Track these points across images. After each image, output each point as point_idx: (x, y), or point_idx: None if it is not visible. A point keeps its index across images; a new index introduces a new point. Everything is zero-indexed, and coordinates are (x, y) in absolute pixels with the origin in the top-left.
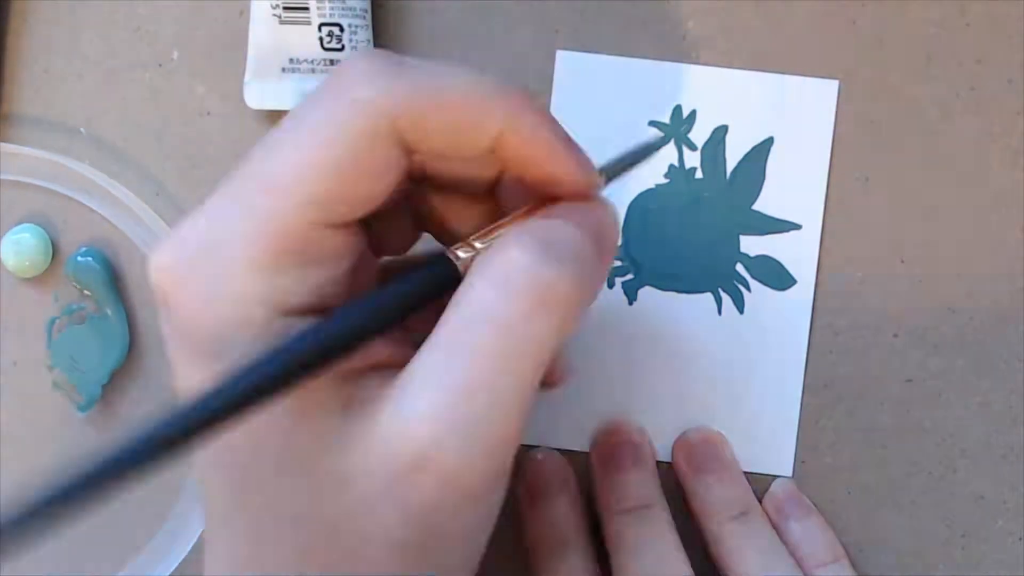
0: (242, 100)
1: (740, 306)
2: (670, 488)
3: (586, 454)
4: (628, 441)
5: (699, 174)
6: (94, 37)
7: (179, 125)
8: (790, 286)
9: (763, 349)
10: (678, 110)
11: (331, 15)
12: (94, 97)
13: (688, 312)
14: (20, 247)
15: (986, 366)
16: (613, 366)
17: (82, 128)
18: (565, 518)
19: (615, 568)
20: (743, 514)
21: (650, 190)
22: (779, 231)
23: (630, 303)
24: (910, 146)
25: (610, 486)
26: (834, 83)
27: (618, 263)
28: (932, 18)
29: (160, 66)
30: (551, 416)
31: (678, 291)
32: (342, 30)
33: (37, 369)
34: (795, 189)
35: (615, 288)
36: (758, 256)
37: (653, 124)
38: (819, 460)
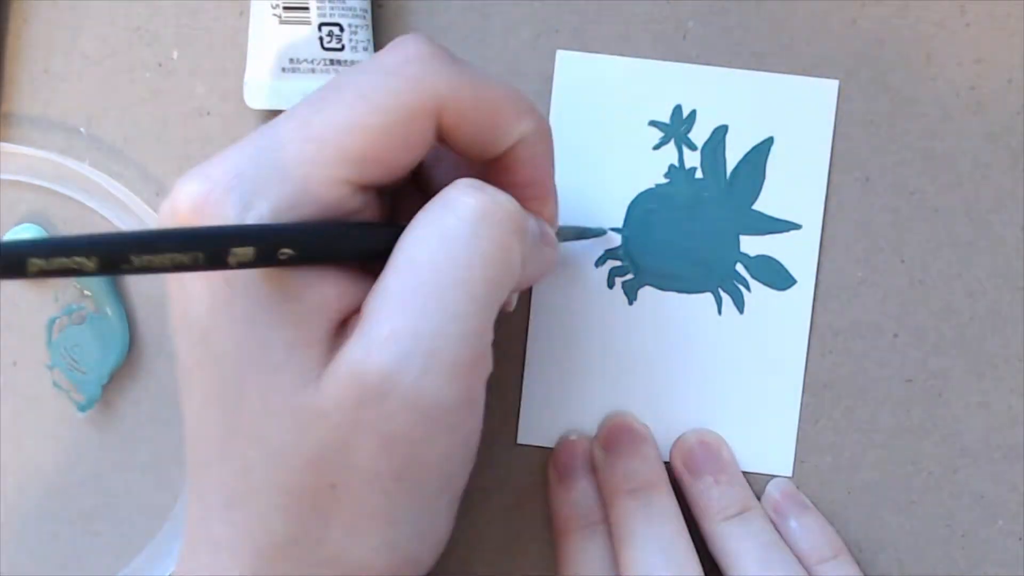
0: (242, 100)
1: (740, 306)
2: None
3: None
4: (632, 427)
5: (699, 174)
6: (94, 37)
7: (179, 125)
8: (790, 286)
9: (763, 349)
10: (678, 110)
11: (331, 15)
12: (94, 97)
13: (688, 312)
14: None
15: (986, 366)
16: (613, 366)
17: (82, 128)
18: (593, 499)
19: (619, 549)
20: (742, 514)
21: (650, 190)
22: (779, 231)
23: (630, 303)
24: (910, 146)
25: (615, 469)
26: (834, 83)
27: (618, 263)
28: (932, 18)
29: (160, 66)
30: (552, 416)
31: (678, 291)
32: (342, 30)
33: (37, 369)
34: (795, 189)
35: (615, 288)
36: (758, 256)
37: (653, 124)
38: (819, 460)
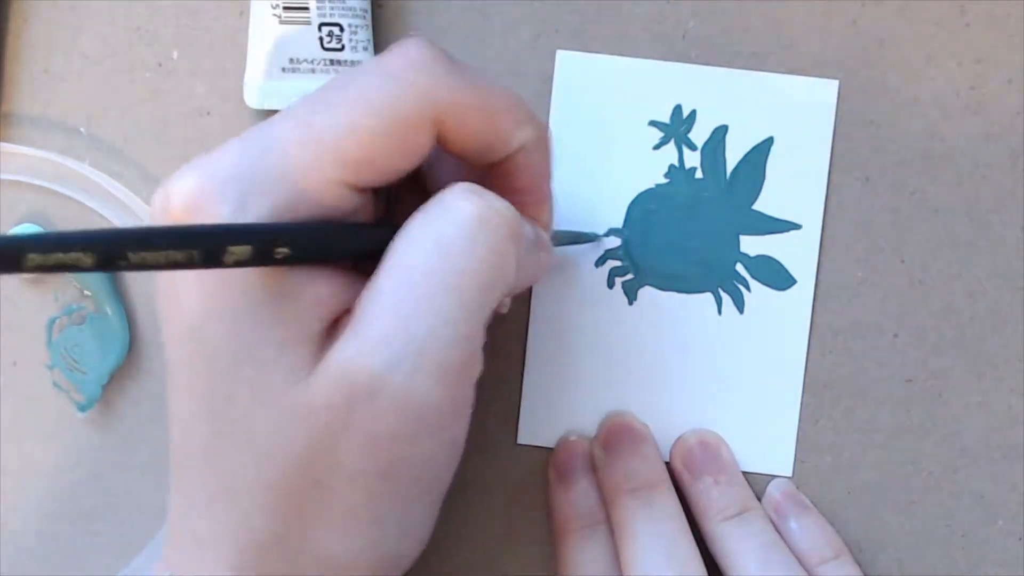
0: (242, 100)
1: (740, 306)
2: None
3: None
4: (632, 427)
5: (699, 174)
6: (94, 37)
7: (179, 125)
8: (790, 286)
9: (763, 349)
10: (678, 110)
11: (331, 15)
12: (94, 97)
13: (688, 312)
14: None
15: (986, 366)
16: (613, 366)
17: (82, 128)
18: (593, 499)
19: (621, 549)
20: (742, 514)
21: (650, 190)
22: (779, 231)
23: (630, 303)
24: (910, 146)
25: (616, 468)
26: (834, 83)
27: (618, 263)
28: (932, 18)
29: (160, 66)
30: (552, 416)
31: (678, 291)
32: (342, 30)
33: (37, 369)
34: (795, 189)
35: (615, 288)
36: (758, 256)
37: (653, 124)
38: (819, 460)
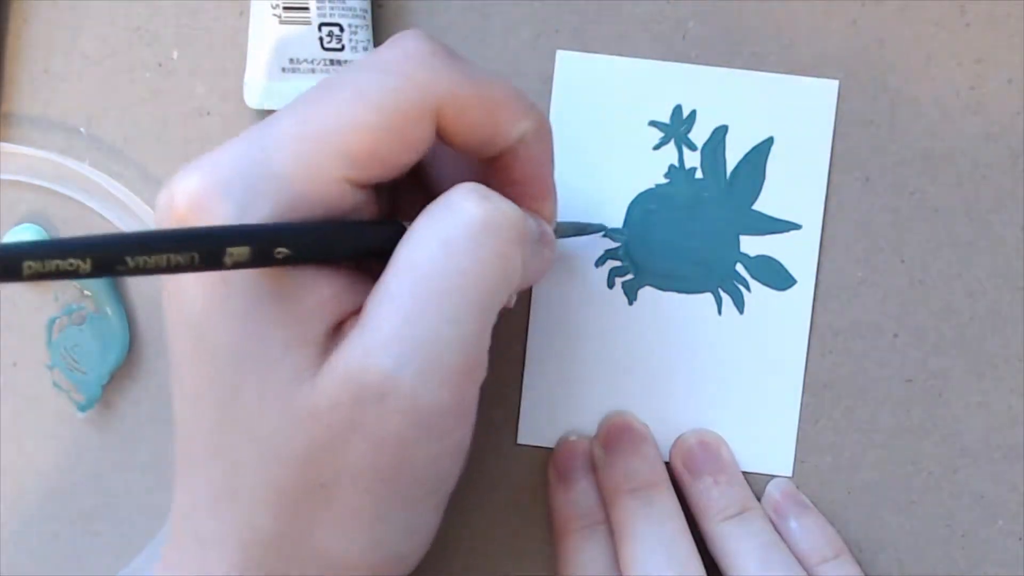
0: (242, 100)
1: (740, 306)
2: None
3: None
4: (632, 427)
5: (699, 174)
6: (94, 37)
7: (179, 125)
8: (790, 286)
9: (763, 349)
10: (678, 110)
11: (331, 15)
12: (94, 97)
13: (688, 312)
14: None
15: (986, 366)
16: (613, 366)
17: (82, 128)
18: (593, 499)
19: (621, 549)
20: (742, 514)
21: (650, 190)
22: (779, 231)
23: (630, 303)
24: (910, 146)
25: (616, 468)
26: (834, 83)
27: (618, 263)
28: (932, 18)
29: (160, 66)
30: (552, 416)
31: (678, 291)
32: (342, 30)
33: (37, 369)
34: (795, 189)
35: (615, 288)
36: (758, 256)
37: (653, 124)
38: (819, 460)
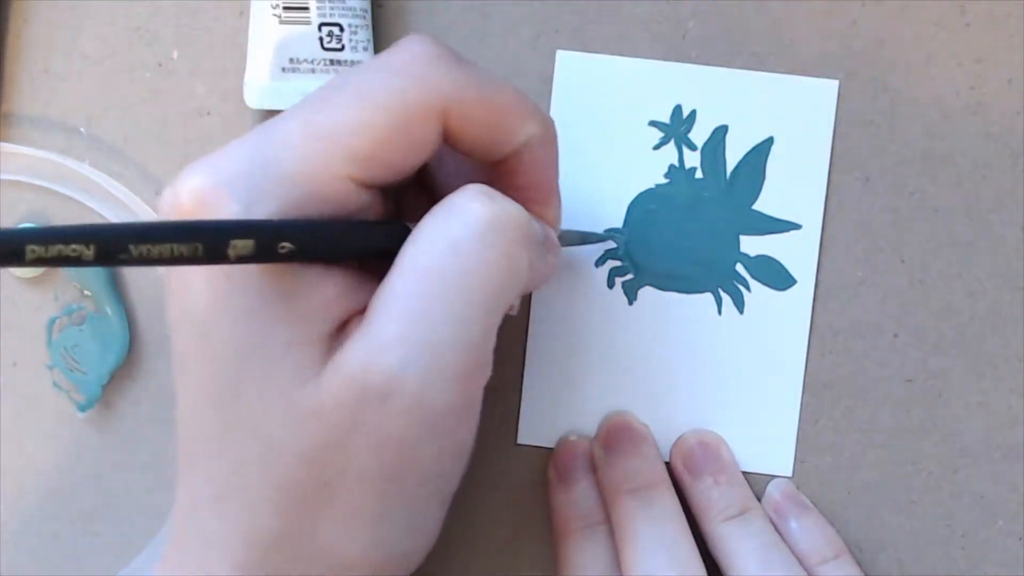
0: (242, 100)
1: (740, 306)
2: None
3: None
4: (632, 427)
5: (699, 174)
6: (94, 37)
7: (179, 125)
8: (790, 286)
9: (763, 349)
10: (678, 110)
11: (331, 15)
12: (94, 97)
13: (688, 312)
14: None
15: (986, 366)
16: (613, 366)
17: (82, 128)
18: (593, 499)
19: (621, 549)
20: (742, 514)
21: (650, 190)
22: (779, 231)
23: (630, 303)
24: (910, 146)
25: (616, 468)
26: (834, 83)
27: (618, 263)
28: (932, 18)
29: (160, 66)
30: (552, 416)
31: (678, 291)
32: (342, 30)
33: (37, 369)
34: (795, 189)
35: (615, 288)
36: (758, 256)
37: (653, 124)
38: (819, 460)
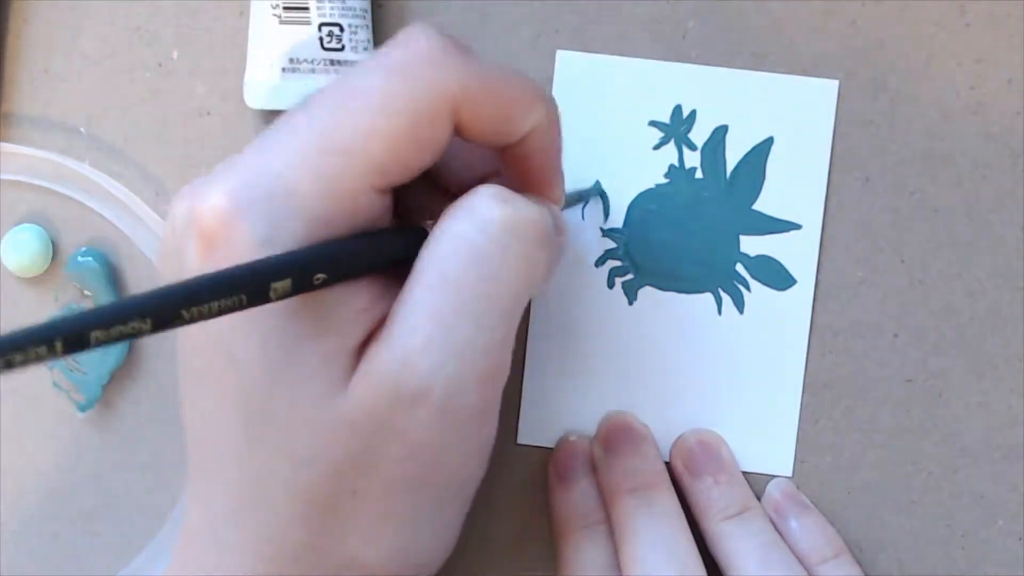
0: (242, 100)
1: (740, 306)
2: None
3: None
4: (632, 426)
5: (699, 174)
6: (94, 37)
7: (179, 125)
8: (790, 286)
9: (763, 349)
10: (678, 110)
11: (331, 15)
12: (94, 97)
13: (688, 312)
14: (20, 247)
15: (986, 366)
16: (613, 366)
17: (82, 128)
18: (593, 499)
19: (621, 548)
20: (742, 514)
21: (650, 190)
22: (779, 231)
23: (630, 303)
24: (910, 146)
25: (616, 468)
26: (834, 83)
27: (618, 263)
28: (932, 18)
29: (160, 66)
30: (552, 416)
31: (678, 291)
32: (342, 30)
33: (37, 369)
34: (795, 189)
35: (615, 288)
36: (758, 256)
37: (653, 124)
38: (819, 460)
